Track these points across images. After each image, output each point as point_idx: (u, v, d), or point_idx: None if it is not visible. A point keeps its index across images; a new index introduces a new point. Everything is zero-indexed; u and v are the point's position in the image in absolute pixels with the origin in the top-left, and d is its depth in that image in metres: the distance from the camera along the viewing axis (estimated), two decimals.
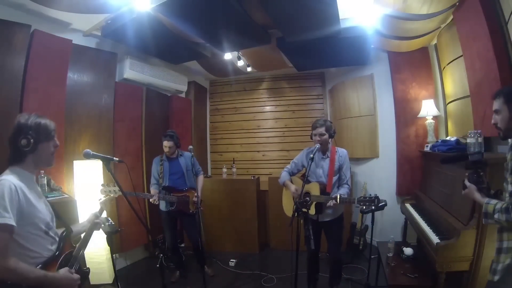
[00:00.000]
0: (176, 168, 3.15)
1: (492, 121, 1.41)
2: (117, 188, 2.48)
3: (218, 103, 5.48)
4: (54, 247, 1.36)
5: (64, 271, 1.31)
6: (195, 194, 3.05)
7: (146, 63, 3.83)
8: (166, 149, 3.09)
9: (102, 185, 2.49)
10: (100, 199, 1.77)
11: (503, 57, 2.06)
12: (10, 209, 1.15)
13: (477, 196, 1.43)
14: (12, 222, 1.15)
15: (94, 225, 1.62)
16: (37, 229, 1.28)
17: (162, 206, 3.12)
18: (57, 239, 1.39)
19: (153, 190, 3.12)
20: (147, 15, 2.63)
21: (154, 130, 4.10)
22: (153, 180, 3.18)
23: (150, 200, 2.98)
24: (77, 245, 1.48)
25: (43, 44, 2.63)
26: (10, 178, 1.22)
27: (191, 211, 3.09)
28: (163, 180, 3.12)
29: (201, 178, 3.32)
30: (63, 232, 1.45)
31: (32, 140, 1.29)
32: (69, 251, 1.43)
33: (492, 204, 1.32)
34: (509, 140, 1.35)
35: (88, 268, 1.56)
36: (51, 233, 1.35)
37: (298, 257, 2.13)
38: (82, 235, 1.57)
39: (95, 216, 1.64)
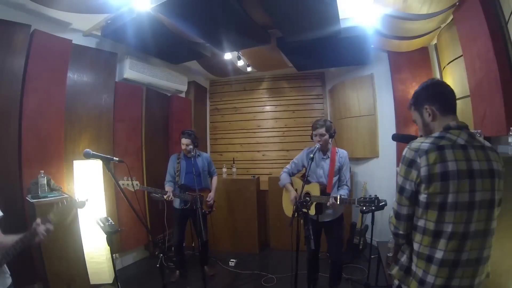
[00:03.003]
0: (193, 168, 3.12)
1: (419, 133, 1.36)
2: (133, 182, 2.51)
3: (218, 103, 5.48)
4: None
5: None
6: (209, 195, 3.23)
7: (146, 63, 3.83)
8: (183, 147, 3.13)
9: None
10: (48, 215, 1.51)
11: (503, 57, 2.05)
12: None
13: None
14: None
15: (30, 234, 1.39)
16: None
17: (176, 203, 3.18)
18: None
19: (168, 187, 3.13)
20: (147, 15, 2.63)
21: (154, 130, 4.10)
22: (168, 177, 3.21)
23: (165, 196, 3.00)
24: None
25: (43, 44, 2.63)
26: None
27: (204, 210, 3.13)
28: (179, 178, 3.16)
29: (215, 179, 3.41)
30: None
31: None
32: None
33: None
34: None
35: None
36: None
37: (298, 257, 2.14)
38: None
39: (35, 224, 1.42)
